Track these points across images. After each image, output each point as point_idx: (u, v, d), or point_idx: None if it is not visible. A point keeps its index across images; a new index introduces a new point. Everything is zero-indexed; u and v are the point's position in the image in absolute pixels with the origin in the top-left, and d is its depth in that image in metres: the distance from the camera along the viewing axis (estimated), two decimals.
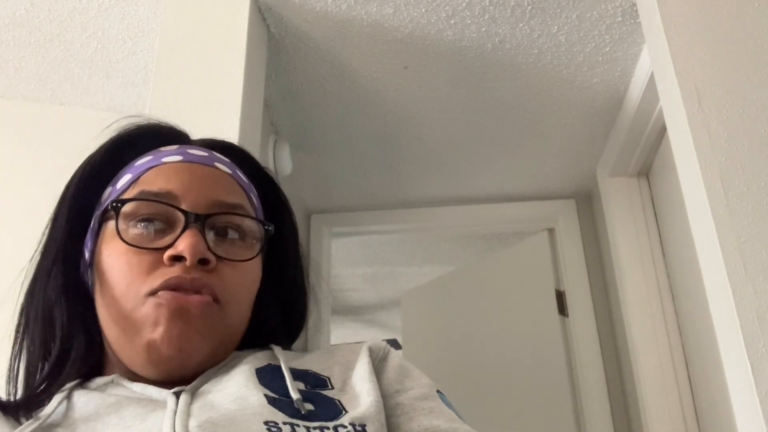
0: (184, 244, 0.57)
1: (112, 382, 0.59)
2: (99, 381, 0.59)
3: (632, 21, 1.63)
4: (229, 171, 0.66)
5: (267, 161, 1.91)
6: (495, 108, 2.00)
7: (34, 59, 1.80)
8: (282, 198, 0.74)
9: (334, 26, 1.64)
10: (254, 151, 1.52)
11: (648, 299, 2.03)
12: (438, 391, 0.62)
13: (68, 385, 0.58)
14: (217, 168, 0.65)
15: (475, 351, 2.64)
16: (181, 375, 0.57)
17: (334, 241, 2.69)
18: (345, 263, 3.26)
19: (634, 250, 2.09)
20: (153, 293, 0.57)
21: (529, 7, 1.60)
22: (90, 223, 0.64)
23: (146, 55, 1.77)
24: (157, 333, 0.56)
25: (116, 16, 1.66)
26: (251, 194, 0.68)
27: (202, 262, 0.58)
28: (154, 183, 0.62)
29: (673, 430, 1.90)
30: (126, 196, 0.62)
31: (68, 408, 0.56)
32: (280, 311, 0.71)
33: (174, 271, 0.57)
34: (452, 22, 1.64)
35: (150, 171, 0.63)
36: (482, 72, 1.83)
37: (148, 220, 0.60)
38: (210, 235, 0.61)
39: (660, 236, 2.10)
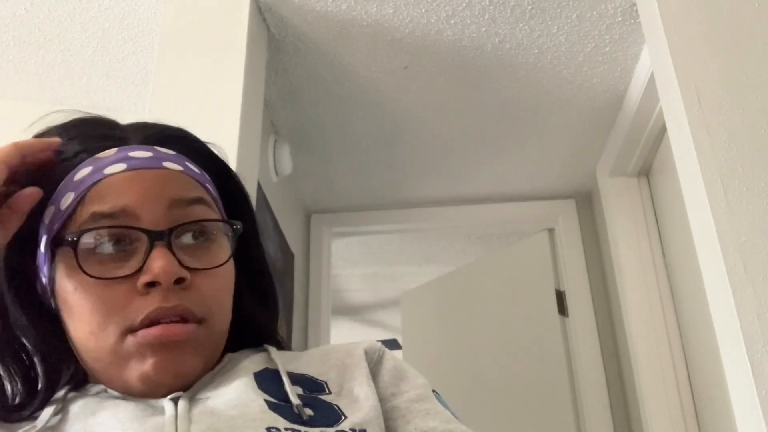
0: (156, 268, 0.54)
1: (105, 391, 0.57)
2: (92, 389, 0.58)
3: (632, 21, 1.63)
4: (180, 168, 0.60)
5: (267, 161, 1.91)
6: (495, 108, 2.00)
7: (34, 59, 1.80)
8: (234, 178, 0.69)
9: (334, 26, 1.64)
10: (254, 152, 1.53)
11: (648, 299, 2.03)
12: (433, 391, 0.62)
13: (61, 393, 0.58)
14: (166, 168, 0.59)
15: (475, 351, 2.64)
16: (180, 390, 0.56)
17: (334, 241, 2.69)
18: (345, 263, 3.25)
19: (634, 250, 2.09)
20: (132, 331, 0.54)
21: (529, 7, 1.60)
22: (31, 238, 0.59)
23: (146, 55, 1.77)
24: (148, 365, 0.54)
25: (116, 16, 1.66)
26: (207, 185, 0.63)
27: (178, 281, 0.55)
28: (104, 201, 0.56)
29: (673, 430, 1.90)
30: (77, 220, 0.56)
31: (64, 413, 0.55)
32: (257, 299, 0.68)
33: (152, 302, 0.54)
34: (452, 22, 1.64)
35: (95, 186, 0.57)
36: (482, 72, 1.83)
37: (109, 243, 0.56)
38: (180, 246, 0.57)
39: (660, 236, 2.10)
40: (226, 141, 1.35)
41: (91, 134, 0.62)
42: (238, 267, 0.63)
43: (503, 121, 2.06)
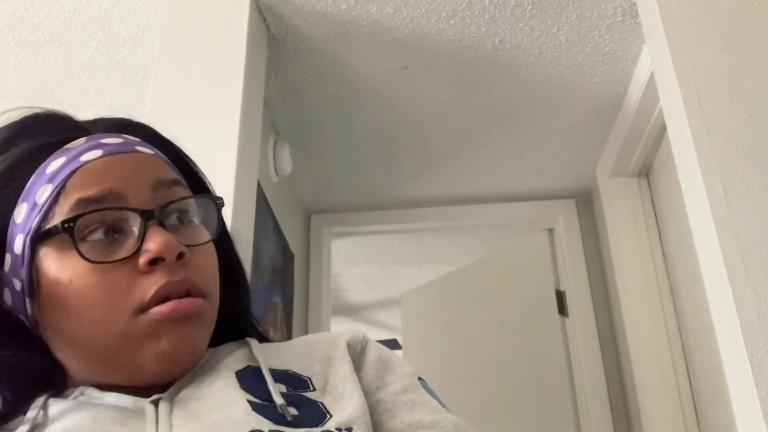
0: (157, 244, 0.53)
1: (82, 394, 0.55)
2: (71, 394, 0.56)
3: (632, 21, 1.63)
4: (151, 151, 0.61)
5: (267, 161, 1.91)
6: (495, 108, 2.00)
7: (34, 59, 1.80)
8: (191, 164, 0.68)
9: (334, 26, 1.64)
10: (254, 152, 1.53)
11: (648, 299, 2.03)
12: (420, 379, 0.61)
13: (40, 400, 0.55)
14: (140, 152, 0.59)
15: (475, 351, 2.64)
16: (186, 372, 0.56)
17: (334, 241, 2.69)
18: (345, 263, 3.25)
19: (634, 250, 2.09)
20: (143, 310, 0.53)
21: (529, 7, 1.60)
22: None
23: (146, 55, 1.77)
24: (165, 344, 0.53)
25: (116, 16, 1.66)
26: (175, 168, 0.62)
27: (179, 256, 0.54)
28: (88, 187, 0.55)
29: (673, 430, 1.90)
30: (60, 211, 0.55)
31: (44, 419, 0.53)
32: (230, 284, 0.66)
33: (158, 278, 0.53)
34: (452, 22, 1.64)
35: (74, 175, 0.55)
36: (482, 72, 1.83)
37: (100, 229, 0.54)
38: (170, 226, 0.57)
39: (660, 236, 2.10)
40: (226, 141, 1.36)
41: (55, 128, 0.61)
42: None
43: (503, 121, 2.06)
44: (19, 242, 0.56)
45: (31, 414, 0.54)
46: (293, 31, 1.66)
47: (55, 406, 0.55)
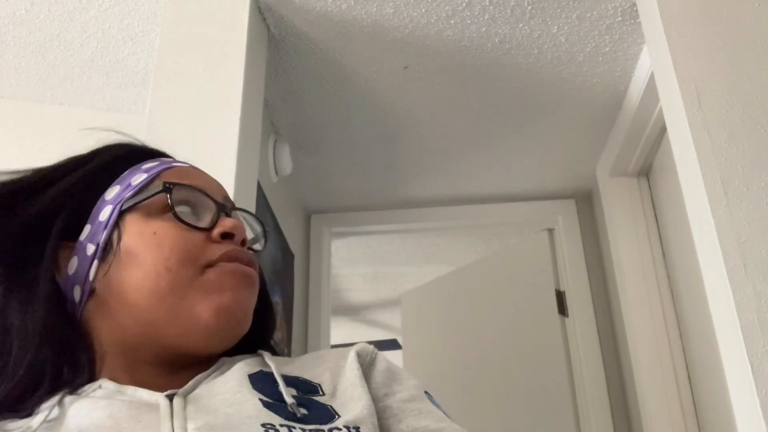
0: (231, 223, 0.63)
1: (100, 387, 0.57)
2: (87, 388, 0.57)
3: (632, 21, 1.63)
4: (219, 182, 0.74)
5: (267, 161, 1.91)
6: (495, 108, 2.00)
7: (34, 59, 1.80)
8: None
9: (334, 26, 1.64)
10: (254, 152, 1.53)
11: (648, 299, 2.03)
12: (426, 392, 0.63)
13: (57, 396, 0.56)
14: (213, 178, 0.73)
15: (475, 351, 2.64)
16: (229, 345, 0.62)
17: (334, 241, 2.69)
18: (345, 263, 3.25)
19: (634, 250, 2.09)
20: (211, 264, 0.61)
21: (529, 7, 1.60)
22: (76, 220, 0.63)
23: (146, 55, 1.77)
24: (227, 297, 0.60)
25: (116, 16, 1.66)
26: None
27: (243, 241, 0.64)
28: (179, 178, 0.65)
29: (673, 430, 1.90)
30: (155, 188, 0.64)
31: (60, 414, 0.54)
32: (260, 309, 0.71)
33: (228, 246, 0.62)
34: (452, 22, 1.64)
35: (168, 170, 0.66)
36: (482, 72, 1.83)
37: (185, 205, 0.64)
38: None
39: (660, 236, 2.10)
40: (226, 141, 1.36)
41: (149, 148, 0.72)
42: None
43: (503, 121, 2.06)
44: (106, 211, 0.63)
45: (46, 408, 0.55)
46: (293, 31, 1.66)
47: (72, 403, 0.56)
